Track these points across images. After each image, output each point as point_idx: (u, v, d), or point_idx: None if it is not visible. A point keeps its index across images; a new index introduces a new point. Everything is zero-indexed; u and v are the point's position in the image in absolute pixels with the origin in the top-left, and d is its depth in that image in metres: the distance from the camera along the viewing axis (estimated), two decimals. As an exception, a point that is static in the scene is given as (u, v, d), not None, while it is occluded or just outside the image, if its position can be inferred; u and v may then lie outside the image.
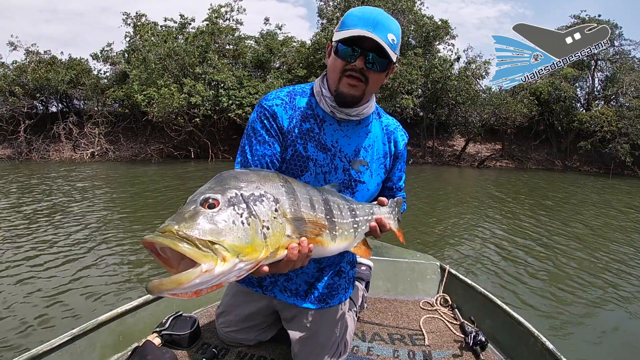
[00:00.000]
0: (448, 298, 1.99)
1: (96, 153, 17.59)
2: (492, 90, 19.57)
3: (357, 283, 1.77)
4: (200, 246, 0.58)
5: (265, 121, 1.06)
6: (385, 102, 16.11)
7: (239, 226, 0.64)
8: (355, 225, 0.96)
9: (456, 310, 1.90)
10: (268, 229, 0.69)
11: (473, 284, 1.97)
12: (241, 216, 0.65)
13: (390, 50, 0.94)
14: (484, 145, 20.51)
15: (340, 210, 0.92)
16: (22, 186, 9.76)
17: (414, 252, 2.44)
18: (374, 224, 1.00)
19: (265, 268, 0.71)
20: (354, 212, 0.96)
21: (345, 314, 1.37)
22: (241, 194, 0.69)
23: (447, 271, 2.10)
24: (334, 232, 0.87)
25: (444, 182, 13.11)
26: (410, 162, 17.79)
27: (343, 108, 1.04)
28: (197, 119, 14.98)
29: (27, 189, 9.41)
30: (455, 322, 1.80)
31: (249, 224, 0.65)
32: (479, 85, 19.03)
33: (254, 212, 0.67)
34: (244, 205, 0.67)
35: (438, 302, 1.98)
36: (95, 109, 18.66)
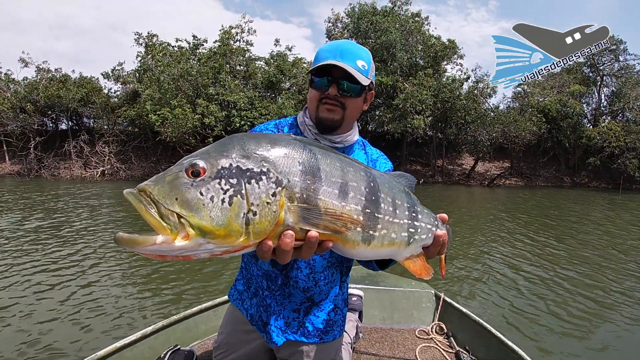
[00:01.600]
0: (443, 326, 2.01)
1: (106, 172, 17.64)
2: (500, 108, 19.74)
3: (349, 314, 1.74)
4: (164, 215, 0.53)
5: None
6: (396, 122, 16.19)
7: (216, 204, 0.55)
8: (411, 230, 0.78)
9: (451, 338, 1.92)
10: (255, 214, 0.57)
11: (468, 312, 1.98)
12: (225, 193, 0.56)
13: (360, 75, 0.98)
14: (492, 163, 20.54)
15: (394, 207, 0.75)
16: (31, 203, 9.73)
17: (409, 280, 2.43)
18: (440, 232, 0.84)
19: (270, 244, 0.60)
20: (414, 214, 0.80)
21: (340, 348, 1.35)
22: (237, 166, 0.58)
23: (442, 299, 2.12)
24: (370, 232, 0.70)
25: (453, 202, 13.06)
26: (420, 181, 17.88)
27: (326, 134, 1.07)
28: (210, 139, 15.04)
29: (36, 205, 9.44)
30: (450, 350, 1.82)
31: (230, 204, 0.55)
32: (486, 104, 19.15)
33: (242, 191, 0.57)
34: (234, 180, 0.57)
35: (433, 330, 2.00)
36: (105, 127, 18.79)
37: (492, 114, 18.65)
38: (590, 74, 23.30)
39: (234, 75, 17.02)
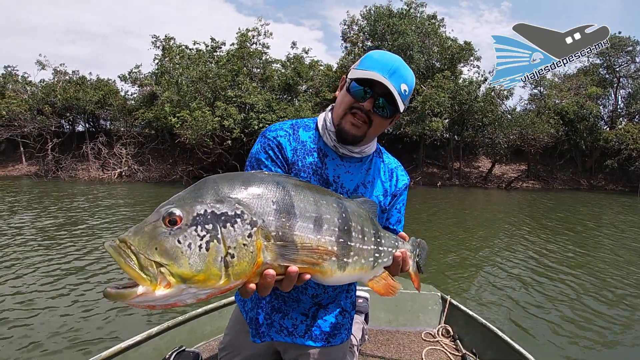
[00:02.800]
0: (450, 329, 1.98)
1: (124, 173, 17.76)
2: (517, 110, 19.56)
3: (355, 316, 1.71)
4: (144, 266, 0.55)
5: (270, 152, 1.04)
6: (414, 125, 16.10)
7: (194, 251, 0.56)
8: (376, 254, 0.84)
9: (458, 341, 1.88)
10: (233, 257, 0.59)
11: (474, 314, 1.95)
12: (201, 239, 0.57)
13: (400, 100, 0.95)
14: (509, 166, 20.35)
15: (363, 234, 0.80)
16: (49, 202, 9.82)
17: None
18: (398, 254, 0.90)
19: (252, 286, 0.63)
20: (379, 240, 0.85)
21: (347, 350, 1.33)
22: (212, 212, 0.60)
23: (448, 302, 2.09)
24: (345, 259, 0.75)
25: (471, 205, 12.93)
26: (438, 184, 17.76)
27: (344, 144, 1.04)
28: (229, 142, 15.07)
29: (53, 204, 9.53)
30: (457, 353, 1.79)
31: (207, 250, 0.57)
32: (503, 106, 18.99)
33: (219, 236, 0.59)
34: (209, 226, 0.59)
35: (440, 333, 1.97)
36: (122, 129, 18.93)
37: (509, 116, 18.48)
38: (607, 76, 23.02)
39: (251, 78, 17.06)
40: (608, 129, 21.87)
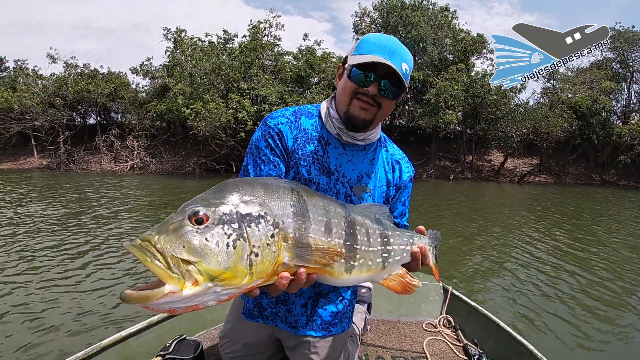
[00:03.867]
0: (451, 319, 1.98)
1: (136, 165, 17.81)
2: (529, 104, 19.40)
3: (358, 305, 1.72)
4: (172, 264, 0.54)
5: (270, 140, 1.03)
6: (427, 117, 16.01)
7: (222, 249, 0.58)
8: (385, 255, 0.86)
9: (459, 331, 1.89)
10: (257, 255, 0.61)
11: (476, 305, 1.96)
12: (229, 237, 0.59)
13: (403, 79, 0.95)
14: (521, 160, 20.21)
15: (368, 236, 0.83)
16: (63, 193, 9.89)
17: (417, 272, 2.37)
18: (416, 249, 0.91)
19: (256, 291, 0.65)
20: (385, 240, 0.87)
21: (348, 339, 1.34)
22: (237, 212, 0.62)
23: (449, 292, 2.09)
24: (351, 262, 0.78)
25: (489, 199, 12.85)
26: (451, 177, 17.68)
27: (351, 131, 1.03)
28: (242, 134, 15.06)
29: (66, 195, 9.59)
30: (458, 343, 1.80)
31: (234, 247, 0.59)
32: (516, 99, 18.84)
33: (245, 235, 0.60)
34: (235, 225, 0.60)
35: (441, 323, 1.97)
36: (133, 122, 18.95)
37: (522, 109, 18.33)
38: (620, 70, 22.75)
39: (263, 70, 17.02)
40: (621, 123, 21.65)
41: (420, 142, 18.72)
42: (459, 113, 16.90)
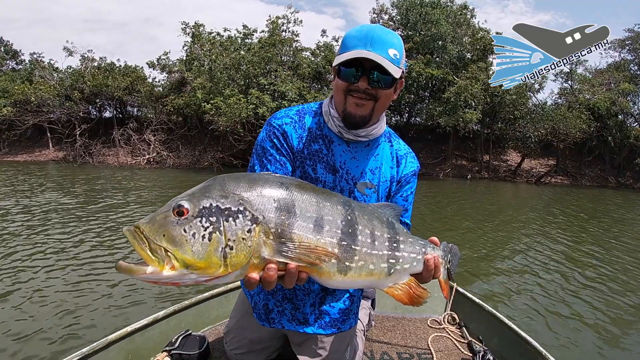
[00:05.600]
0: (456, 316, 1.98)
1: (152, 159, 17.87)
2: (548, 104, 19.24)
3: (362, 301, 1.73)
4: (154, 249, 0.61)
5: (275, 140, 1.04)
6: (447, 116, 15.93)
7: (197, 240, 0.62)
8: (392, 261, 0.82)
9: (464, 328, 1.89)
10: (232, 248, 0.64)
11: (480, 302, 1.95)
12: (205, 230, 0.63)
13: (392, 66, 0.90)
14: (537, 160, 20.07)
15: (373, 238, 0.78)
16: (87, 186, 10.00)
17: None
18: (429, 257, 0.87)
19: (254, 276, 0.67)
20: (395, 245, 0.82)
21: (355, 336, 1.34)
22: (216, 206, 0.65)
23: (454, 289, 2.08)
24: (347, 263, 0.74)
25: (509, 200, 12.73)
26: (468, 177, 17.58)
27: (351, 129, 1.01)
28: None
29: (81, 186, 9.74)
30: (463, 340, 1.79)
31: (210, 240, 0.62)
32: (534, 99, 18.69)
33: (221, 228, 0.63)
34: (213, 219, 0.64)
35: (446, 320, 1.96)
36: (150, 115, 18.99)
37: (541, 110, 18.19)
38: (638, 72, 22.48)
39: (281, 66, 17.00)
40: (638, 126, 21.40)
41: (437, 140, 18.63)
42: (478, 112, 16.80)
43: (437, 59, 17.38)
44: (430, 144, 19.15)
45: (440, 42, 16.88)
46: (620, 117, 20.23)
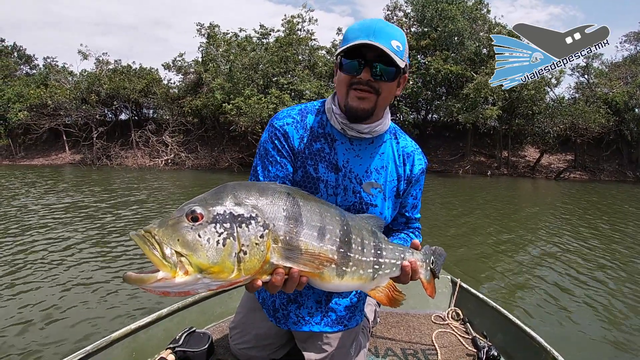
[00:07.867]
0: (459, 312, 1.97)
1: (170, 161, 17.96)
2: (565, 99, 19.07)
3: (368, 298, 1.72)
4: (166, 254, 0.60)
5: (276, 142, 1.04)
6: (466, 113, 15.85)
7: (212, 245, 0.63)
8: (376, 266, 0.88)
9: (468, 324, 1.88)
10: (245, 253, 0.66)
11: (484, 297, 1.95)
12: (219, 235, 0.64)
13: (396, 57, 0.89)
14: (555, 156, 19.93)
15: (362, 246, 0.85)
16: (111, 189, 10.08)
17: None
18: (406, 263, 0.93)
19: (259, 283, 0.69)
20: (379, 252, 0.89)
21: (360, 332, 1.35)
22: (230, 213, 0.67)
23: (458, 284, 2.08)
24: (344, 268, 0.81)
25: (530, 196, 12.60)
26: (488, 173, 17.49)
27: (354, 124, 0.99)
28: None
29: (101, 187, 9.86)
30: (467, 336, 1.78)
31: (224, 245, 0.64)
32: (551, 93, 18.55)
33: (235, 234, 0.65)
34: (227, 225, 0.65)
35: (449, 316, 1.95)
36: (166, 117, 19.07)
37: (559, 105, 18.05)
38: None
39: (298, 65, 17.00)
40: (655, 119, 21.18)
41: (455, 137, 18.55)
42: (498, 108, 16.71)
43: (454, 55, 17.29)
44: (448, 141, 19.08)
45: (457, 38, 16.78)
46: (637, 110, 20.01)
